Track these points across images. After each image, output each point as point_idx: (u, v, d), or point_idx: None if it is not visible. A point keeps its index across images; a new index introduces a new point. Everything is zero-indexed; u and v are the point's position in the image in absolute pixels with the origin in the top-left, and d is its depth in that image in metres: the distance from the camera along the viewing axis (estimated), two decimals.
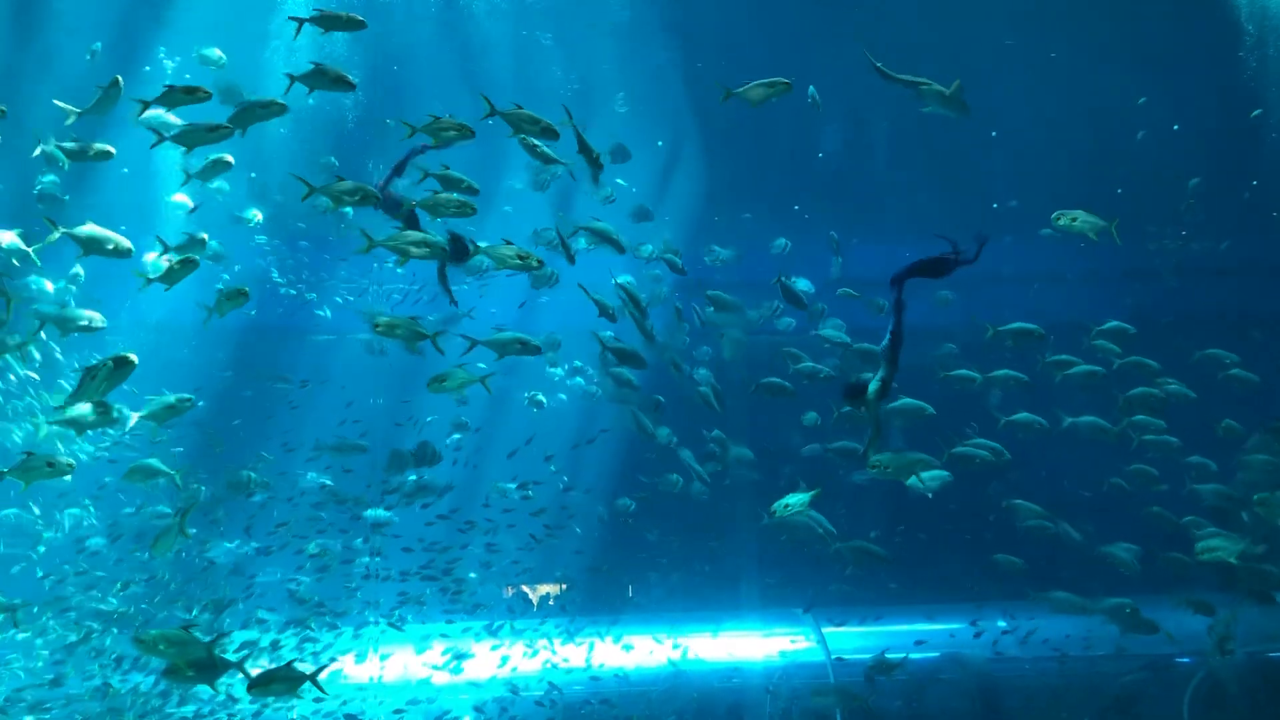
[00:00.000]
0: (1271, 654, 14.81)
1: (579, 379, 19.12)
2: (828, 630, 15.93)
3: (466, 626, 15.65)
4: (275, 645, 13.91)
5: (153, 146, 8.78)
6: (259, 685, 7.89)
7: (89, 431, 10.64)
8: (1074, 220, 10.37)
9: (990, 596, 16.20)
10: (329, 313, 21.76)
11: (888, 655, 13.41)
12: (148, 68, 15.90)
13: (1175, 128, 18.11)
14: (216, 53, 13.72)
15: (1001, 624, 15.65)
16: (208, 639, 7.68)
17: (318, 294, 21.40)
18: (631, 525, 18.02)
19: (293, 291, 19.50)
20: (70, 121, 10.08)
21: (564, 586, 19.13)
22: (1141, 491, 14.31)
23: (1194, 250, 19.35)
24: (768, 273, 16.56)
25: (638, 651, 15.65)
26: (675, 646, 15.76)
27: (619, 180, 16.38)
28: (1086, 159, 18.61)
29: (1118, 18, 16.90)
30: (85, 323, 10.06)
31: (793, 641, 15.98)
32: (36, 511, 15.72)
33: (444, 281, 9.73)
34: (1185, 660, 14.93)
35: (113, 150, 10.06)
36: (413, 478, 15.48)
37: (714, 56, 18.20)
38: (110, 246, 8.97)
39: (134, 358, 7.82)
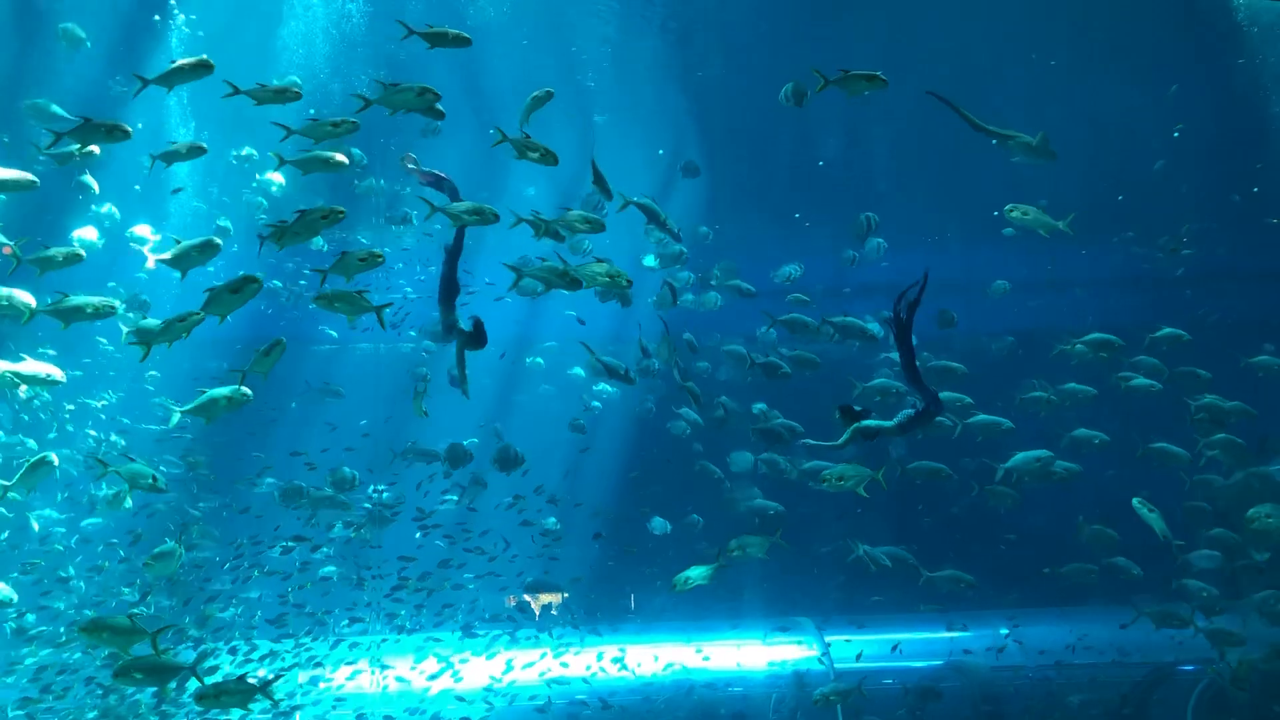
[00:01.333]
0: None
1: (609, 387, 19.13)
2: (831, 639, 15.88)
3: (463, 636, 15.61)
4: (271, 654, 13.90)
5: (283, 140, 8.85)
6: (208, 697, 7.69)
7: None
8: (1025, 214, 10.48)
9: (997, 605, 16.16)
10: (336, 333, 21.75)
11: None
12: (156, 17, 15.75)
13: (1176, 135, 18.12)
14: (295, 81, 13.40)
15: (1003, 630, 15.63)
16: (197, 642, 7.56)
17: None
18: (630, 536, 18.08)
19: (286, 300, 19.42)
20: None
21: (565, 595, 19.07)
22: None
23: (1190, 257, 19.32)
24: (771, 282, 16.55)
25: (637, 660, 15.56)
26: (669, 665, 15.70)
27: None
28: (1087, 166, 18.61)
29: (1117, 25, 16.91)
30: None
31: (806, 647, 15.89)
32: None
33: (461, 367, 9.65)
34: (1189, 668, 14.89)
35: (205, 147, 9.78)
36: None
37: (715, 65, 18.23)
38: (197, 252, 8.63)
39: (258, 279, 7.61)
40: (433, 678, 14.79)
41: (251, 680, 7.98)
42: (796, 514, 15.99)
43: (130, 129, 8.42)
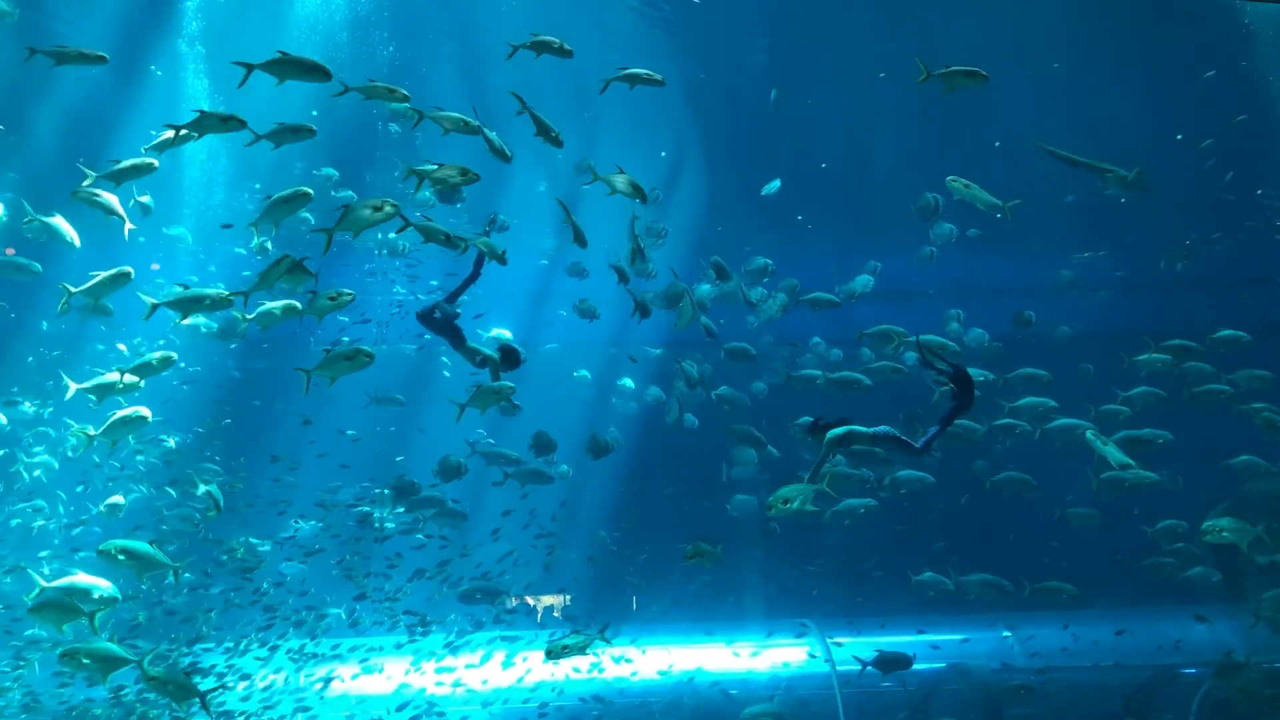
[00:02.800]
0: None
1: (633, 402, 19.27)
2: (832, 640, 15.85)
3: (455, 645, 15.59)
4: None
5: (415, 126, 9.30)
6: (154, 681, 8.14)
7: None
8: (966, 186, 10.95)
9: (997, 608, 16.13)
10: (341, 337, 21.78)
11: None
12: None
13: (1179, 136, 18.11)
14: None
15: (1005, 633, 15.61)
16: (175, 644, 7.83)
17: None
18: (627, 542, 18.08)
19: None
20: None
21: (567, 598, 19.07)
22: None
23: (1194, 262, 19.32)
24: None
25: (639, 663, 15.53)
26: (669, 666, 15.66)
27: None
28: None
29: (1118, 28, 16.93)
30: None
31: (812, 655, 15.85)
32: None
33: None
34: (1191, 671, 14.85)
35: (314, 129, 9.77)
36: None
37: (716, 68, 18.24)
38: (287, 203, 8.91)
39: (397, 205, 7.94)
40: (409, 693, 14.74)
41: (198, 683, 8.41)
42: (798, 518, 15.92)
43: (244, 119, 8.36)
